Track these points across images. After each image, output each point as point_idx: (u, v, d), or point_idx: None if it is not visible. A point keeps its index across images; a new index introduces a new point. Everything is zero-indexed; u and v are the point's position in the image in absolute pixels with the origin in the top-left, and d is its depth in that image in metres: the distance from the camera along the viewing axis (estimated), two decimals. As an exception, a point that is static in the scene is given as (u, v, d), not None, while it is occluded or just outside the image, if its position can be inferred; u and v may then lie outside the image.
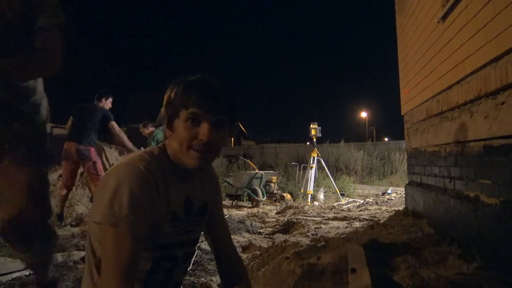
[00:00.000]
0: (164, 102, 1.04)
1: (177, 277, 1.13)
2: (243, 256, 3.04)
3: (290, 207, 6.04)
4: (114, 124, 4.64)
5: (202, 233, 1.28)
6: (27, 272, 2.64)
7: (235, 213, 5.77)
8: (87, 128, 4.49)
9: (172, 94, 1.01)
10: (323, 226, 4.17)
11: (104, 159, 5.94)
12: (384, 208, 5.71)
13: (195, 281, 2.40)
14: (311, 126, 7.77)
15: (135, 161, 0.98)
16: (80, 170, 4.91)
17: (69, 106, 4.76)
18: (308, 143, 15.32)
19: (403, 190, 5.19)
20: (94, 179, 4.56)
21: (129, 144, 4.68)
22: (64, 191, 4.54)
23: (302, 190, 7.70)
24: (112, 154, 6.27)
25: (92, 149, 4.55)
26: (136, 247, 0.93)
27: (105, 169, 4.96)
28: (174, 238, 1.06)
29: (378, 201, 6.57)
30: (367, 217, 4.65)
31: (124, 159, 1.02)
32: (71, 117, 4.77)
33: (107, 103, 4.76)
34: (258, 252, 3.01)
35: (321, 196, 7.31)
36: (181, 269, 1.14)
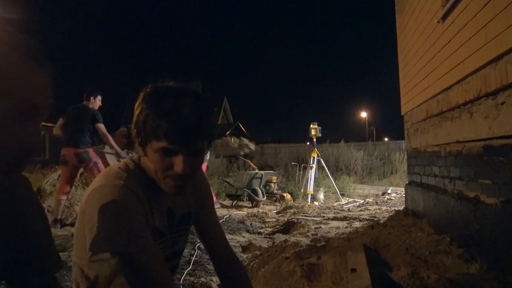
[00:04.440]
0: (134, 120, 0.93)
1: None
2: (243, 256, 3.04)
3: (290, 207, 6.04)
4: (100, 126, 4.59)
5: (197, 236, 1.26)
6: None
7: (235, 213, 5.78)
8: (81, 131, 4.46)
9: (142, 116, 0.90)
10: (323, 226, 4.17)
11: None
12: (384, 208, 5.71)
13: (195, 281, 2.40)
14: (311, 126, 7.79)
15: (112, 182, 0.91)
16: (80, 170, 4.91)
17: (65, 106, 4.67)
18: (308, 143, 15.32)
19: (403, 190, 5.19)
20: None
21: (115, 146, 4.70)
22: (64, 197, 4.51)
23: (302, 190, 7.70)
24: (111, 156, 6.26)
25: (90, 150, 4.55)
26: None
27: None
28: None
29: (378, 201, 6.57)
30: (367, 217, 4.65)
31: (100, 181, 0.93)
32: (60, 118, 4.66)
33: (97, 102, 4.67)
34: (258, 252, 3.01)
35: (321, 196, 7.32)
36: None
